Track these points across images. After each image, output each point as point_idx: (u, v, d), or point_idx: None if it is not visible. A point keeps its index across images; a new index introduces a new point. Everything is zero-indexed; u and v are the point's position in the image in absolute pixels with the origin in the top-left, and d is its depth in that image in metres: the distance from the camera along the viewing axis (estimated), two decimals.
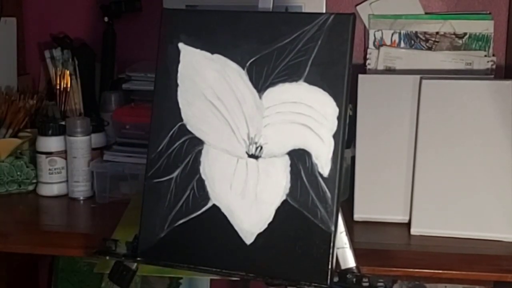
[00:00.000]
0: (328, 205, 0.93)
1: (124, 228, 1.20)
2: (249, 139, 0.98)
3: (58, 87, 1.60)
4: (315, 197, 0.94)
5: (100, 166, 1.39)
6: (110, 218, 1.26)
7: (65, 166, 1.41)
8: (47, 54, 1.62)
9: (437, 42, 1.50)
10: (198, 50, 1.02)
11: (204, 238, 1.00)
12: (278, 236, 0.95)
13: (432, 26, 1.50)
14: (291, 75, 0.96)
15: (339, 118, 0.93)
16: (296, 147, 0.95)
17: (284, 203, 0.95)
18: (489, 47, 1.48)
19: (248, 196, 0.97)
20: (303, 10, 1.38)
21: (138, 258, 1.03)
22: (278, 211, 0.96)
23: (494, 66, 1.47)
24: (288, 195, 0.95)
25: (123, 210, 1.28)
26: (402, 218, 1.28)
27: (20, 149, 1.47)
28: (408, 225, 1.26)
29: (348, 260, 0.99)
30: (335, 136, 0.94)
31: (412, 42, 1.51)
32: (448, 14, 1.53)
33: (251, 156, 0.98)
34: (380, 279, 0.95)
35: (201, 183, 1.00)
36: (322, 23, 0.95)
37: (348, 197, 1.33)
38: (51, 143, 1.41)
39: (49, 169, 1.41)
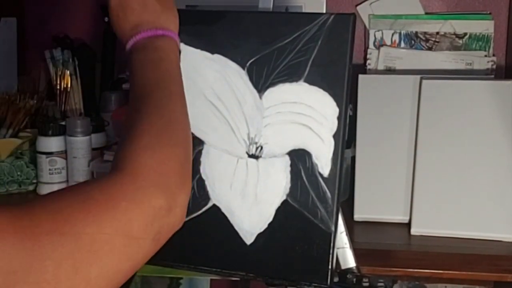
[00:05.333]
0: (328, 205, 0.93)
1: None
2: (249, 139, 0.98)
3: (58, 87, 1.60)
4: (315, 197, 0.94)
5: (100, 166, 1.39)
6: None
7: (65, 166, 1.41)
8: (47, 54, 1.62)
9: (437, 42, 1.50)
10: (198, 50, 1.02)
11: (204, 238, 1.00)
12: (278, 236, 0.95)
13: (432, 26, 1.50)
14: (291, 75, 0.96)
15: (339, 118, 0.93)
16: (296, 147, 0.95)
17: (284, 203, 0.95)
18: (489, 47, 1.48)
19: (248, 196, 0.97)
20: (303, 10, 1.38)
21: None
22: (278, 211, 0.96)
23: (494, 66, 1.47)
24: (288, 195, 0.95)
25: None
26: (402, 218, 1.28)
27: (20, 149, 1.47)
28: (408, 225, 1.26)
29: (348, 260, 0.99)
30: (335, 136, 0.94)
31: (412, 42, 1.51)
32: (448, 14, 1.53)
33: (251, 156, 0.98)
34: (380, 279, 0.95)
35: (201, 183, 1.00)
36: (322, 23, 0.95)
37: (348, 197, 1.33)
38: (51, 143, 1.41)
39: (49, 169, 1.41)
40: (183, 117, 0.81)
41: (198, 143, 1.01)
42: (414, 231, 1.24)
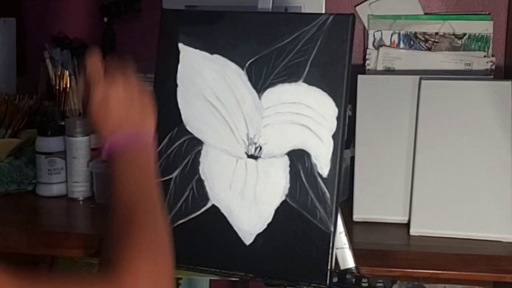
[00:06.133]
0: (327, 206, 0.93)
1: None
2: (249, 139, 0.98)
3: (57, 87, 1.59)
4: (314, 198, 0.94)
5: (99, 166, 1.39)
6: None
7: (64, 167, 1.41)
8: (46, 54, 1.62)
9: (437, 42, 1.50)
10: (197, 51, 1.02)
11: (203, 239, 1.00)
12: (277, 236, 0.95)
13: (432, 27, 1.50)
14: (290, 76, 0.96)
15: (338, 118, 0.94)
16: (296, 148, 0.95)
17: (284, 203, 0.95)
18: (488, 48, 1.48)
19: (247, 197, 0.97)
20: (303, 11, 1.38)
21: None
22: (277, 211, 0.96)
23: (493, 67, 1.47)
24: (287, 195, 0.95)
25: None
26: (402, 218, 1.28)
27: (19, 150, 1.47)
28: (407, 225, 1.26)
29: (347, 260, 0.99)
30: (334, 136, 0.94)
31: (412, 42, 1.51)
32: (447, 14, 1.53)
33: (251, 156, 0.98)
34: (379, 280, 0.95)
35: (200, 183, 1.00)
36: (322, 23, 0.95)
37: (347, 198, 1.32)
38: (51, 143, 1.41)
39: (49, 170, 1.41)
40: (165, 229, 0.83)
41: (197, 143, 1.01)
42: (413, 231, 1.24)
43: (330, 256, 0.92)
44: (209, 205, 0.99)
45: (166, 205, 1.01)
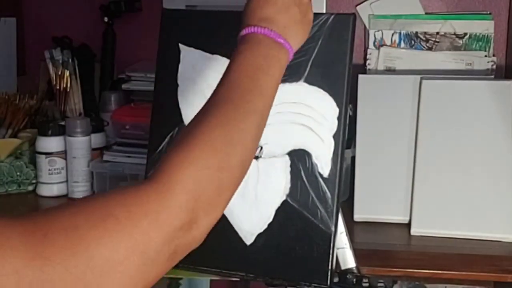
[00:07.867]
0: (328, 205, 0.93)
1: None
2: None
3: (57, 87, 1.59)
4: (315, 197, 0.93)
5: (100, 166, 1.39)
6: None
7: (64, 167, 1.41)
8: (46, 54, 1.62)
9: (437, 42, 1.50)
10: (198, 50, 1.02)
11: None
12: (278, 236, 0.95)
13: (432, 26, 1.50)
14: (291, 75, 0.96)
15: (339, 118, 0.93)
16: (296, 147, 0.95)
17: (284, 203, 0.95)
18: (489, 47, 1.48)
19: (248, 197, 0.97)
20: None
21: None
22: (278, 211, 0.95)
23: (494, 66, 1.47)
24: (288, 195, 0.95)
25: None
26: (402, 218, 1.28)
27: (19, 149, 1.47)
28: (408, 225, 1.26)
29: (348, 260, 0.99)
30: (335, 136, 0.93)
31: (412, 42, 1.51)
32: (448, 14, 1.53)
33: None
34: (380, 280, 0.95)
35: None
36: (323, 23, 0.95)
37: (348, 197, 1.32)
38: (51, 143, 1.41)
39: (49, 170, 1.41)
40: (250, 141, 0.74)
41: None
42: (414, 231, 1.24)
43: (331, 256, 0.92)
44: None
45: None
